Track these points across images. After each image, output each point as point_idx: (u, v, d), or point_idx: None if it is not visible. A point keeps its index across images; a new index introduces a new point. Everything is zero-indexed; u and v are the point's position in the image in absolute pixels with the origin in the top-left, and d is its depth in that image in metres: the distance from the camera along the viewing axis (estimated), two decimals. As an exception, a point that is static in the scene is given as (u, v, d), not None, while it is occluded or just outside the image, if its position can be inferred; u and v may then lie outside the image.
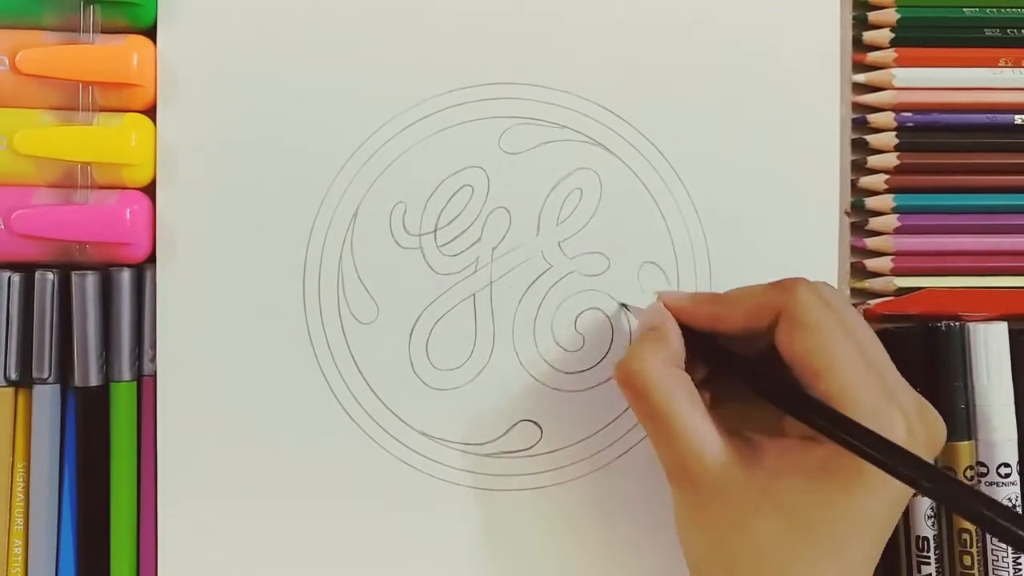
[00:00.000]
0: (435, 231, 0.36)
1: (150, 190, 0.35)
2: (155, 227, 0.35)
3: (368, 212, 0.36)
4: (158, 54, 0.35)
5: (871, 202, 0.38)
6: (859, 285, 0.38)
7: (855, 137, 0.38)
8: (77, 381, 0.34)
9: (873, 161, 0.38)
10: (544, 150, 0.36)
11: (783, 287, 0.31)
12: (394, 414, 0.36)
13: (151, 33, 0.35)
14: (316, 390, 0.36)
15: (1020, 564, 0.37)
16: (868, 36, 0.38)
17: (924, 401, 0.30)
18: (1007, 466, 0.37)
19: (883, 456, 0.26)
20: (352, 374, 0.36)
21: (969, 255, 0.38)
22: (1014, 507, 0.37)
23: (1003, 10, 0.38)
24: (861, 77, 0.38)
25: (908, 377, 0.35)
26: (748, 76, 0.37)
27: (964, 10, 0.38)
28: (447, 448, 0.36)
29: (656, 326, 0.32)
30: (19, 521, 0.34)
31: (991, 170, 0.39)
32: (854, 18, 0.38)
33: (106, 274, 0.35)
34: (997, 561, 0.37)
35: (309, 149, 0.36)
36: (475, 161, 0.36)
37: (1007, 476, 0.37)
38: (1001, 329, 0.38)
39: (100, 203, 0.34)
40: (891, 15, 0.38)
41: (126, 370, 0.35)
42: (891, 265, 0.38)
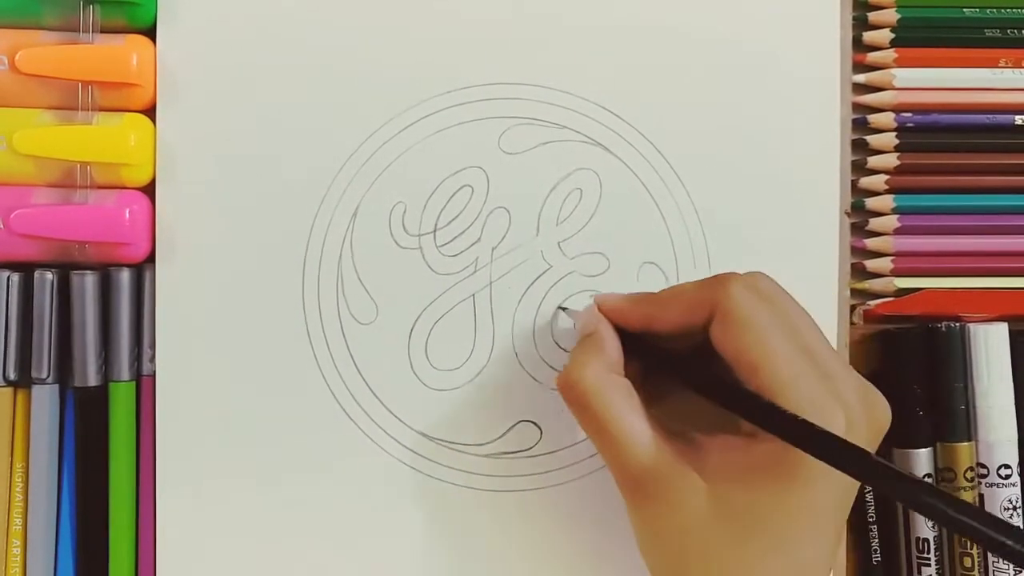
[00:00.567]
0: (435, 231, 0.36)
1: (149, 190, 0.35)
2: (154, 227, 0.35)
3: (368, 212, 0.36)
4: (158, 54, 0.35)
5: (871, 203, 0.38)
6: (859, 286, 0.38)
7: (855, 138, 0.38)
8: (76, 381, 0.34)
9: (873, 162, 0.38)
10: (544, 150, 0.36)
11: (715, 283, 0.31)
12: (393, 415, 0.36)
13: (151, 33, 0.35)
14: (315, 390, 0.36)
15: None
16: (868, 36, 0.38)
17: (868, 385, 0.30)
18: (1007, 467, 0.37)
19: (821, 446, 0.26)
20: (351, 374, 0.36)
21: (969, 256, 0.38)
22: (1014, 508, 0.37)
23: (1003, 10, 0.38)
24: (861, 77, 0.38)
25: (908, 378, 0.35)
26: (748, 76, 0.37)
27: (964, 10, 0.38)
28: (447, 449, 0.36)
29: (591, 332, 0.32)
30: (18, 521, 0.34)
31: (991, 170, 0.39)
32: (854, 18, 0.38)
33: (105, 274, 0.35)
34: (998, 563, 0.37)
35: (309, 149, 0.35)
36: (475, 161, 0.36)
37: (1007, 477, 0.37)
38: (1001, 330, 0.37)
39: (99, 203, 0.34)
40: (891, 15, 0.38)
41: (125, 370, 0.35)
42: (891, 266, 0.38)
